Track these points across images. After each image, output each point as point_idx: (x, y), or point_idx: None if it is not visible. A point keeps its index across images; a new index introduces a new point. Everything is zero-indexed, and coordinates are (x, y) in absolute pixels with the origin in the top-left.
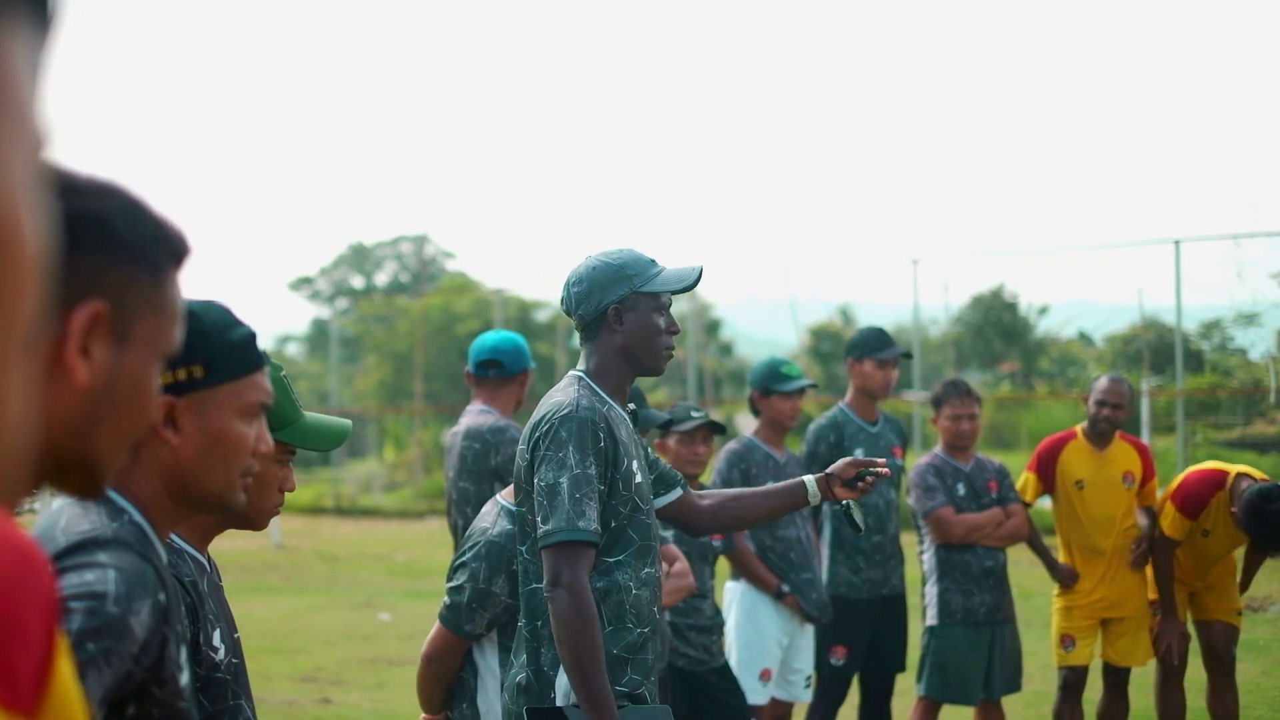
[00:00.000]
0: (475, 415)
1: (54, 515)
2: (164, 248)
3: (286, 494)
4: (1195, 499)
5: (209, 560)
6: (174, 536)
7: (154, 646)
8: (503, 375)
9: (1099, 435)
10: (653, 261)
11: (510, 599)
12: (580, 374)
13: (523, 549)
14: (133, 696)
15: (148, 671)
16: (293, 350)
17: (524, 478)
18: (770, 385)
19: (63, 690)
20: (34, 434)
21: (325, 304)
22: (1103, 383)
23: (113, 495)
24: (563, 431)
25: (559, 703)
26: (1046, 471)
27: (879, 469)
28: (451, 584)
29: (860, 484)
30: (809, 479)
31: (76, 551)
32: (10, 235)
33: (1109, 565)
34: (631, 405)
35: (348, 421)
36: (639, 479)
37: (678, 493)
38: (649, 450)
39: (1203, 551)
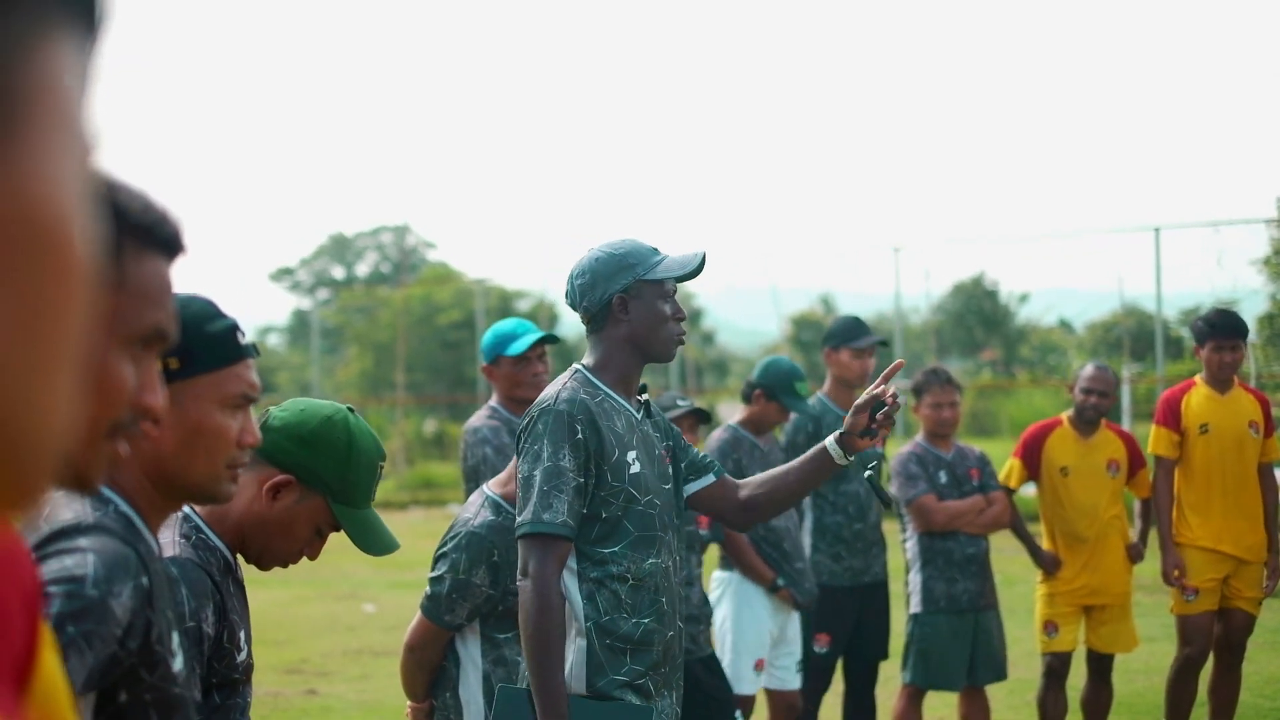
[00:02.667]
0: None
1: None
2: (118, 223)
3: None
4: (1168, 405)
5: (236, 558)
6: (208, 531)
7: (139, 629)
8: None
9: (1085, 423)
10: (655, 250)
11: (491, 589)
12: (579, 366)
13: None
14: (122, 682)
15: (135, 655)
16: (274, 341)
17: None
18: (781, 397)
19: (48, 683)
20: (73, 441)
21: (306, 295)
22: (1089, 370)
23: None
24: (539, 424)
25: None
26: (1032, 458)
27: (888, 405)
28: (432, 574)
29: (876, 427)
30: (830, 443)
31: (58, 538)
32: (62, 240)
33: (1092, 552)
34: (645, 396)
35: (398, 543)
36: (636, 469)
37: (709, 479)
38: (677, 440)
39: (1218, 453)
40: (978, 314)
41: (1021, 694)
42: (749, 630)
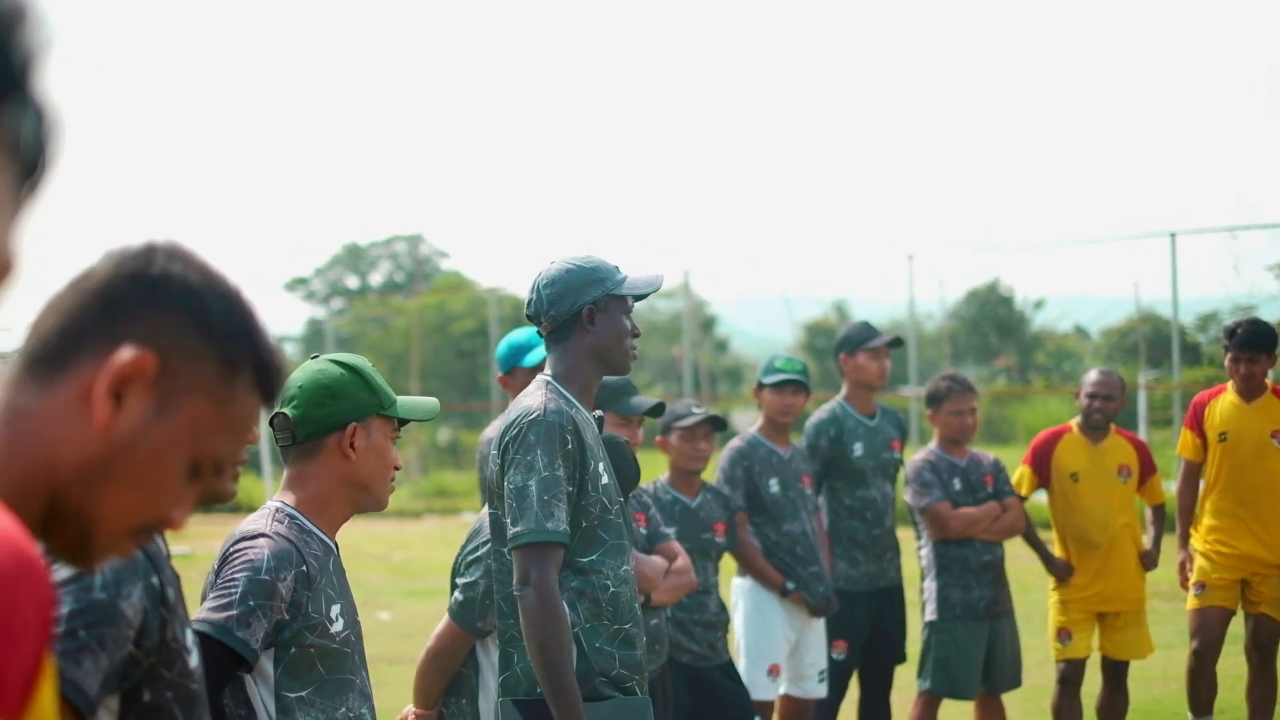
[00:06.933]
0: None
1: None
2: (247, 351)
3: None
4: (1194, 410)
5: (335, 545)
6: (304, 520)
7: (154, 629)
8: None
9: (1093, 428)
10: (618, 268)
11: None
12: (548, 378)
13: (503, 550)
14: (144, 681)
15: (154, 654)
16: (289, 351)
17: (495, 481)
18: (761, 379)
19: (44, 698)
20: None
21: (320, 304)
22: (1092, 375)
23: None
24: (531, 435)
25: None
26: (1042, 465)
27: None
28: (464, 580)
29: None
30: None
31: None
32: None
33: (1104, 559)
34: (599, 411)
35: (436, 401)
36: (605, 480)
37: None
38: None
39: (1236, 462)
40: (992, 320)
41: (1037, 701)
42: (762, 636)
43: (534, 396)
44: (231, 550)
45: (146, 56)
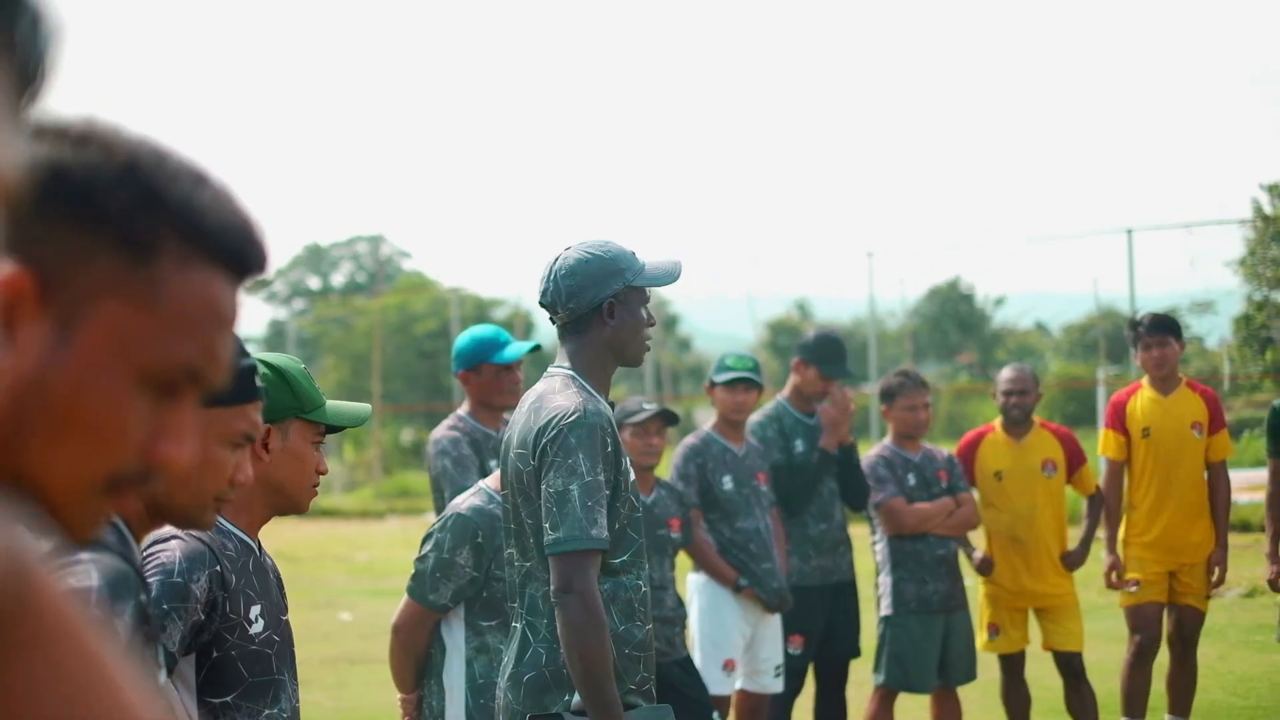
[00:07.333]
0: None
1: None
2: (165, 221)
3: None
4: (1115, 408)
5: (257, 543)
6: (221, 519)
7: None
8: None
9: (1013, 424)
10: (635, 254)
11: (475, 571)
12: (571, 373)
13: (531, 550)
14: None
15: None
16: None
17: (528, 483)
18: (713, 377)
19: None
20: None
21: (282, 305)
22: (1005, 373)
23: None
24: (572, 438)
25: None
26: (967, 465)
27: None
28: (417, 555)
29: None
30: None
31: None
32: None
33: (1031, 555)
34: (611, 400)
35: (368, 407)
36: (632, 477)
37: None
38: None
39: (1160, 456)
40: (954, 318)
41: (993, 694)
42: (717, 632)
43: (566, 395)
44: (143, 555)
45: (103, 58)
